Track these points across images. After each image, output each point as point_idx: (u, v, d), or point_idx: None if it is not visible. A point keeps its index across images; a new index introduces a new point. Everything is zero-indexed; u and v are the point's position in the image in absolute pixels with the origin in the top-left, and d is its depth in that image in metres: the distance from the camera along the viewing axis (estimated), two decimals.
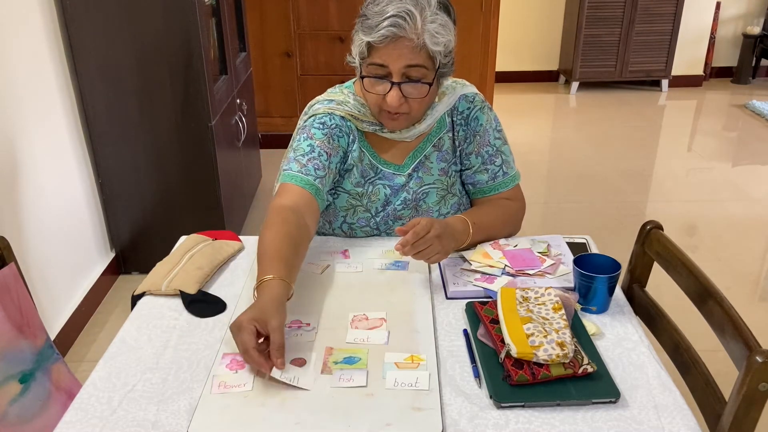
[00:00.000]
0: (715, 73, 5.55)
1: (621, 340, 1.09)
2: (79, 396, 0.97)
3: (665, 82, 5.23)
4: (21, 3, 2.00)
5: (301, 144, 1.35)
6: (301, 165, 1.31)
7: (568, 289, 1.18)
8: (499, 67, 4.94)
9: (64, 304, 2.25)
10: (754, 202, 3.37)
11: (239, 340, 0.97)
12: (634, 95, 5.19)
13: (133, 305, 1.22)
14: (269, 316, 0.99)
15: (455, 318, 1.15)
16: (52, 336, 2.11)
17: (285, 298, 1.06)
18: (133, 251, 2.64)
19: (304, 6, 3.68)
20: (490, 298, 1.19)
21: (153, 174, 2.48)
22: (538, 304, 1.10)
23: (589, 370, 0.96)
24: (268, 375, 0.97)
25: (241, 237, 1.43)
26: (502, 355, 1.00)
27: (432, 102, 1.37)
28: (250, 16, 3.63)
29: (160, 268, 1.28)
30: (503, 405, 0.93)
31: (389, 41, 1.21)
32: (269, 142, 3.94)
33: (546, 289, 1.14)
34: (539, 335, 1.00)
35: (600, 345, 1.07)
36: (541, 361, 0.97)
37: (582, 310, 1.16)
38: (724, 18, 5.33)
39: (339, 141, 1.37)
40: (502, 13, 4.69)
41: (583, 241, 1.40)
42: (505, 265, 1.27)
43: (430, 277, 1.27)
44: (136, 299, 1.23)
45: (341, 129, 1.38)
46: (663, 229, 1.22)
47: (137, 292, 1.24)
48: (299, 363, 1.02)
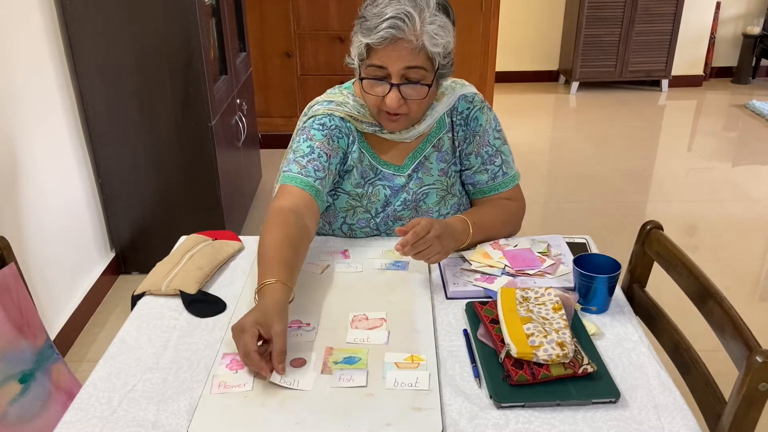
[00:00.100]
0: (715, 73, 5.55)
1: (621, 340, 1.09)
2: (79, 396, 0.97)
3: (665, 82, 5.23)
4: (21, 3, 2.00)
5: (300, 145, 1.35)
6: (300, 166, 1.31)
7: (568, 289, 1.18)
8: (499, 67, 4.94)
9: (64, 304, 2.25)
10: (754, 202, 3.37)
11: (241, 342, 0.97)
12: (634, 95, 5.19)
13: (133, 305, 1.22)
14: (273, 320, 0.99)
15: (455, 318, 1.15)
16: (52, 336, 2.11)
17: (287, 302, 1.06)
18: (133, 251, 2.64)
19: (304, 6, 3.68)
20: (490, 298, 1.19)
21: (153, 174, 2.48)
22: (538, 304, 1.10)
23: (589, 370, 0.96)
24: (268, 378, 0.97)
25: (241, 237, 1.43)
26: (502, 355, 1.00)
27: (431, 103, 1.36)
28: (250, 16, 3.63)
29: (160, 268, 1.28)
30: (503, 405, 0.93)
31: (388, 43, 1.21)
32: (269, 142, 3.94)
33: (546, 289, 1.14)
34: (539, 335, 1.00)
35: (600, 345, 1.07)
36: (541, 361, 0.97)
37: (582, 310, 1.16)
38: (724, 18, 5.33)
39: (339, 142, 1.37)
40: (502, 13, 4.69)
41: (583, 241, 1.40)
42: (505, 265, 1.27)
43: (430, 277, 1.27)
44: (136, 299, 1.23)
45: (341, 130, 1.37)
46: (663, 229, 1.22)
47: (137, 292, 1.24)
48: (299, 363, 1.02)
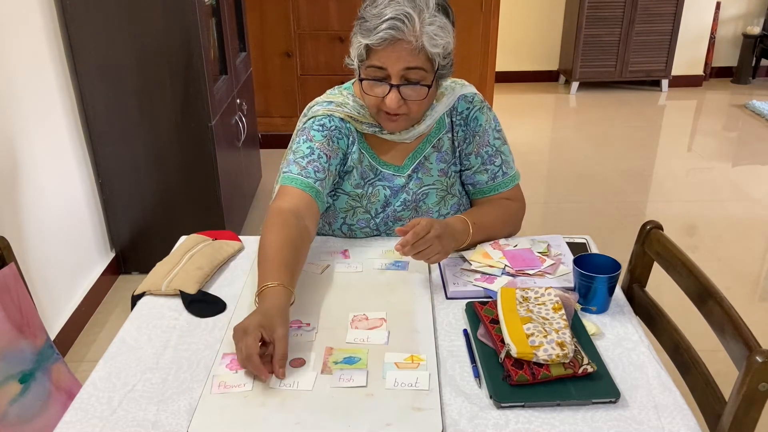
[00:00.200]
0: (715, 73, 5.55)
1: (621, 340, 1.09)
2: (79, 396, 0.97)
3: (665, 82, 5.23)
4: (21, 3, 2.00)
5: (300, 146, 1.35)
6: (300, 167, 1.31)
7: (568, 289, 1.18)
8: (499, 67, 4.94)
9: (64, 304, 2.25)
10: (754, 202, 3.37)
11: (243, 344, 0.96)
12: (634, 95, 5.19)
13: (133, 305, 1.22)
14: (276, 324, 0.99)
15: (455, 318, 1.15)
16: (52, 336, 2.11)
17: (288, 306, 1.06)
18: (133, 251, 2.64)
19: (304, 6, 3.68)
20: (490, 298, 1.19)
21: (153, 174, 2.48)
22: (538, 304, 1.10)
23: (589, 370, 0.96)
24: (267, 382, 0.97)
25: (241, 237, 1.43)
26: (502, 355, 1.00)
27: (431, 103, 1.36)
28: (250, 16, 3.63)
29: (160, 268, 1.28)
30: (503, 405, 0.93)
31: (388, 44, 1.21)
32: (269, 142, 3.94)
33: (546, 289, 1.14)
34: (539, 335, 1.00)
35: (600, 345, 1.07)
36: (541, 361, 0.97)
37: (582, 310, 1.16)
38: (724, 18, 5.33)
39: (338, 143, 1.37)
40: (502, 13, 4.69)
41: (583, 241, 1.40)
42: (505, 265, 1.27)
43: (430, 277, 1.27)
44: (136, 299, 1.23)
45: (341, 131, 1.37)
46: (663, 229, 1.22)
47: (137, 292, 1.24)
48: (299, 363, 1.02)
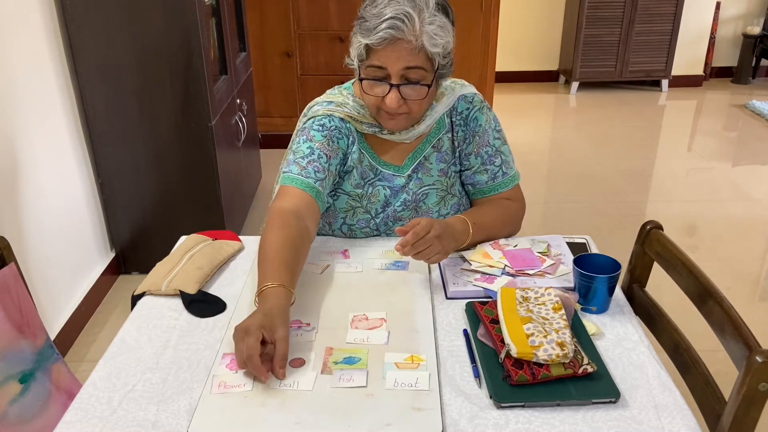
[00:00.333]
0: (715, 73, 5.55)
1: (621, 340, 1.09)
2: (79, 396, 0.97)
3: (665, 82, 5.23)
4: (21, 3, 2.00)
5: (300, 146, 1.35)
6: (300, 167, 1.31)
7: (568, 289, 1.18)
8: (499, 67, 4.94)
9: (64, 304, 2.25)
10: (754, 202, 3.37)
11: (244, 344, 0.96)
12: (634, 95, 5.19)
13: (133, 305, 1.22)
14: (277, 324, 0.99)
15: (455, 318, 1.15)
16: (52, 336, 2.11)
17: (289, 307, 1.06)
18: (133, 251, 2.64)
19: (304, 6, 3.68)
20: (490, 298, 1.19)
21: (153, 174, 2.48)
22: (538, 304, 1.10)
23: (589, 370, 0.96)
24: (266, 382, 0.97)
25: (241, 237, 1.43)
26: (502, 355, 1.00)
27: (431, 103, 1.36)
28: (250, 16, 3.63)
29: (160, 268, 1.28)
30: (503, 405, 0.93)
31: (387, 43, 1.21)
32: (269, 142, 3.94)
33: (546, 289, 1.14)
34: (539, 335, 1.00)
35: (600, 345, 1.07)
36: (541, 361, 0.97)
37: (582, 310, 1.16)
38: (724, 18, 5.33)
39: (338, 143, 1.37)
40: (502, 13, 4.69)
41: (583, 241, 1.40)
42: (505, 265, 1.27)
43: (430, 277, 1.27)
44: (136, 299, 1.23)
45: (341, 131, 1.37)
46: (663, 229, 1.22)
47: (137, 292, 1.24)
48: (299, 363, 1.02)
